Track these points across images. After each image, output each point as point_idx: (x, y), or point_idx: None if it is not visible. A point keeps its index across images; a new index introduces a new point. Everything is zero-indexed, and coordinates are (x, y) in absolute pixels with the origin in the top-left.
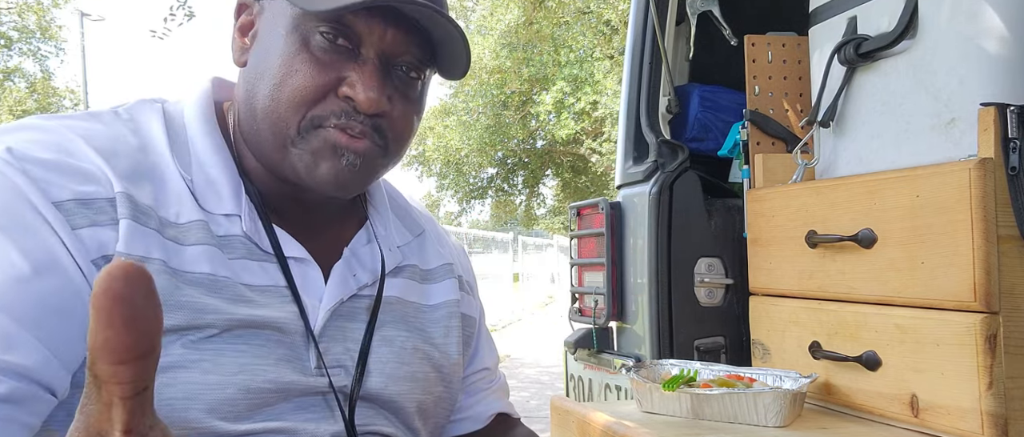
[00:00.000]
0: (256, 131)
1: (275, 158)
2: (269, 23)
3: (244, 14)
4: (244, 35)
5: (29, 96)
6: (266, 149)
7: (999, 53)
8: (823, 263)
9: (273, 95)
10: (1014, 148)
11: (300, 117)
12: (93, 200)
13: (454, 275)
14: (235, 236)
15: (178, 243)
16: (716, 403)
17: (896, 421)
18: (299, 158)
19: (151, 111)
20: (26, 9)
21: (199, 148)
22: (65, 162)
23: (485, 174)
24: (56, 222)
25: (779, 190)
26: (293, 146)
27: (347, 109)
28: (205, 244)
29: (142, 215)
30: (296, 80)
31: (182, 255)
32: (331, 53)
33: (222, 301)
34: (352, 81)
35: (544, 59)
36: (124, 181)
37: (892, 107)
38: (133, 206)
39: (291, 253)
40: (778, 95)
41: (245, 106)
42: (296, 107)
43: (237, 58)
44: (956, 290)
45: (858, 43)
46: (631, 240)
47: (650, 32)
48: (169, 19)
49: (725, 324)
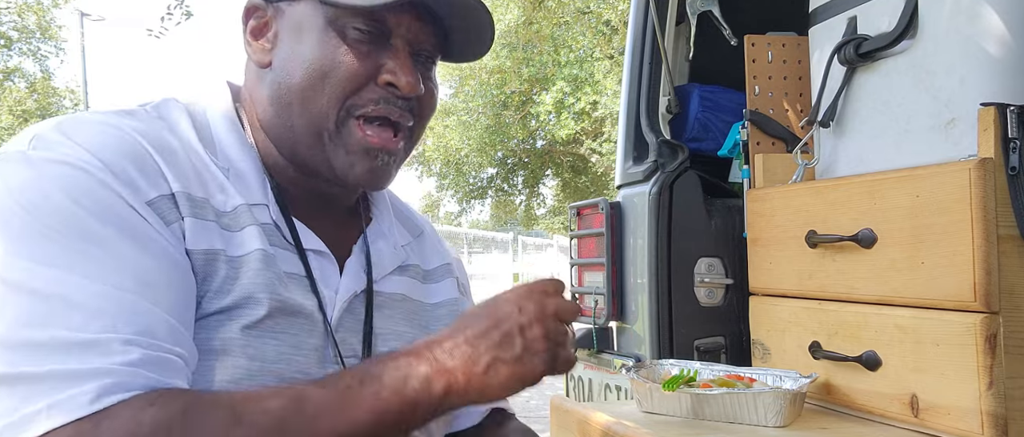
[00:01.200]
0: (288, 126)
1: (308, 153)
2: (294, 23)
3: (254, 18)
4: (259, 37)
5: (29, 96)
6: (300, 144)
7: (999, 53)
8: (823, 263)
9: (314, 85)
10: (1014, 148)
11: (338, 106)
12: (165, 197)
13: (452, 275)
14: (267, 224)
15: (231, 231)
16: (716, 403)
17: (896, 421)
18: (335, 155)
19: (178, 110)
20: (26, 9)
21: (225, 143)
22: (142, 162)
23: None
24: (153, 220)
25: (779, 190)
26: (330, 141)
27: (386, 95)
28: (253, 225)
29: (199, 210)
30: (340, 71)
31: (236, 240)
32: (368, 44)
33: (272, 277)
34: (391, 68)
35: (544, 59)
36: (179, 179)
37: (892, 107)
38: (191, 202)
39: (310, 245)
40: (778, 95)
41: (273, 104)
42: (337, 97)
43: (259, 59)
44: (956, 290)
45: (858, 43)
46: (631, 240)
47: (650, 32)
48: (166, 18)
49: (725, 324)
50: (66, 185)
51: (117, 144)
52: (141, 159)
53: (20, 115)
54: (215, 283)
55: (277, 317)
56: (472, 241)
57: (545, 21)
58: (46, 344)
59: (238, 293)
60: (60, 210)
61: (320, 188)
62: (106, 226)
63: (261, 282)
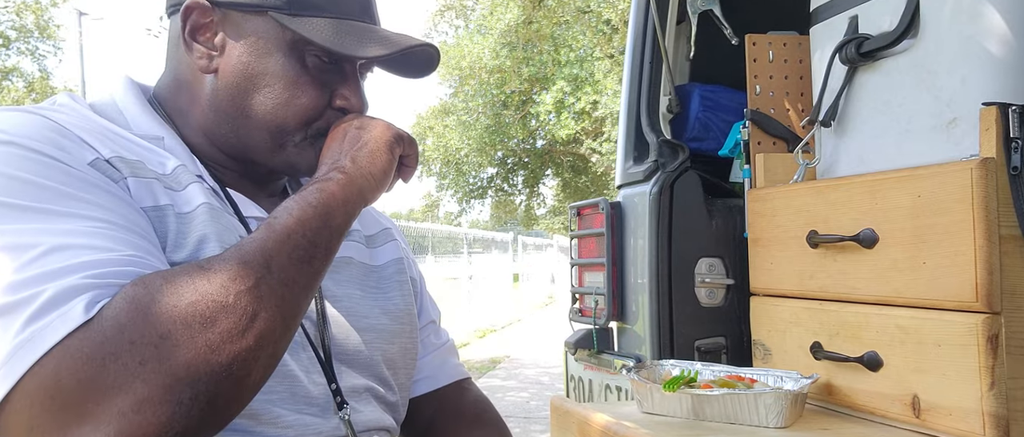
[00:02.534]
0: (236, 135)
1: (266, 158)
2: (250, 38)
3: (196, 16)
4: (199, 38)
5: (27, 95)
6: (255, 151)
7: (1001, 53)
8: (824, 263)
9: (277, 112)
10: (1016, 148)
11: (305, 130)
12: (101, 160)
13: (392, 239)
14: (207, 188)
15: (174, 189)
16: (717, 404)
17: (897, 422)
18: (299, 157)
19: (77, 103)
20: (24, 8)
21: (143, 125)
22: (67, 136)
23: (485, 174)
24: (98, 178)
25: (780, 190)
26: (294, 147)
27: (339, 116)
28: (194, 183)
29: (139, 170)
30: (302, 100)
31: (182, 198)
32: (326, 73)
33: (221, 229)
34: (345, 94)
35: (544, 59)
36: (107, 147)
37: (893, 107)
38: (127, 163)
39: (251, 213)
40: (779, 94)
41: (216, 111)
42: (302, 123)
43: (200, 63)
44: (958, 290)
45: (859, 42)
46: (631, 240)
47: (650, 31)
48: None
49: (726, 324)
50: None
51: (40, 125)
52: (65, 134)
53: None
54: (170, 238)
55: None
56: (472, 241)
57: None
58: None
59: (191, 244)
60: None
61: (253, 171)
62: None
63: (212, 231)
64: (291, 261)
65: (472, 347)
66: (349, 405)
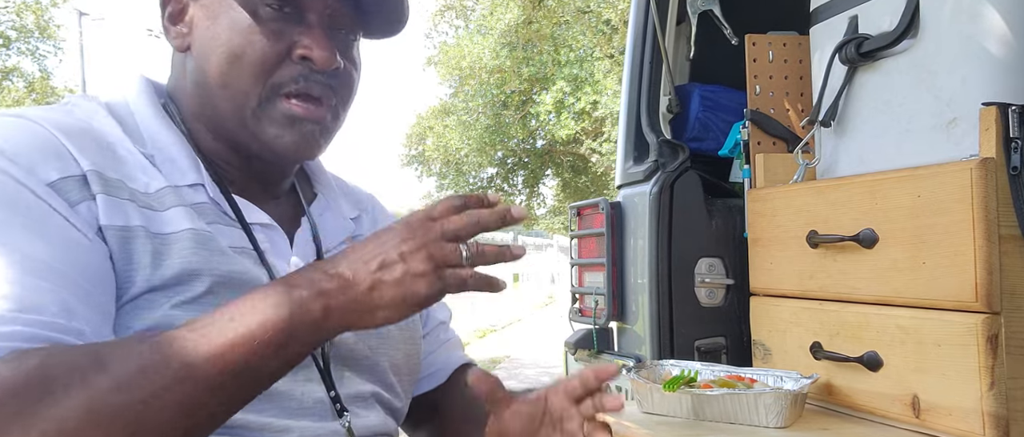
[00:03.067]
0: (212, 108)
1: (235, 130)
2: (208, 7)
3: (172, 3)
4: (177, 22)
5: (27, 96)
6: (226, 124)
7: (1000, 53)
8: (824, 263)
9: (230, 69)
10: (1015, 148)
11: (260, 87)
12: (71, 178)
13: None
14: (203, 203)
15: (153, 209)
16: (717, 404)
17: (897, 422)
18: (261, 130)
19: (92, 103)
20: (24, 8)
21: (152, 129)
22: (45, 145)
23: (485, 174)
24: (54, 201)
25: (780, 190)
26: (255, 117)
27: (304, 71)
28: (179, 206)
29: (113, 188)
30: (254, 50)
31: (160, 219)
32: (280, 21)
33: (209, 254)
34: (306, 44)
35: (544, 59)
36: (90, 160)
37: (893, 107)
38: (104, 181)
39: (256, 219)
40: (779, 95)
41: (195, 87)
42: (256, 77)
43: (178, 44)
44: (957, 290)
45: (859, 42)
46: (631, 240)
47: (650, 31)
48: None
49: (726, 324)
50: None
51: (16, 131)
52: (44, 143)
53: None
54: (142, 259)
55: (219, 292)
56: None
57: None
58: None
59: (173, 270)
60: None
61: (257, 168)
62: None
63: (197, 260)
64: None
65: (472, 347)
66: (350, 412)
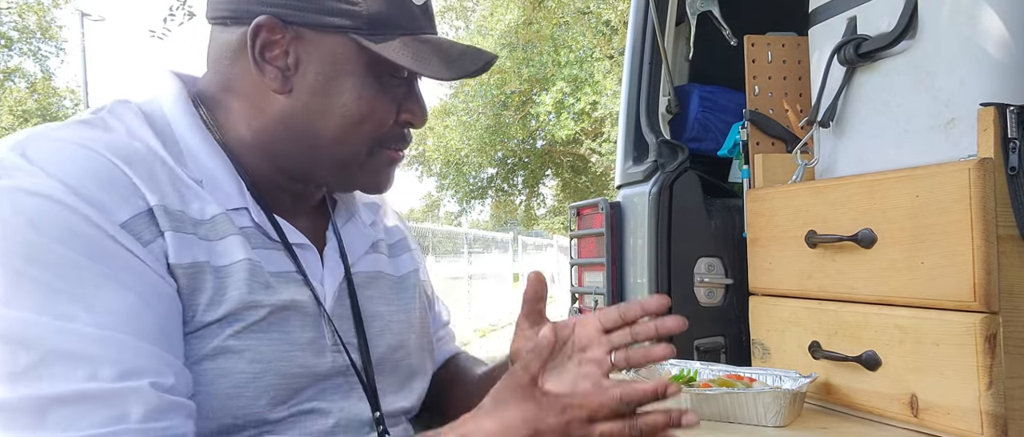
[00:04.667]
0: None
1: (330, 174)
2: (326, 58)
3: (265, 34)
4: (269, 59)
5: (29, 96)
6: (319, 169)
7: (999, 53)
8: (823, 263)
9: (348, 131)
10: (1014, 148)
11: (369, 147)
12: (141, 215)
13: (409, 248)
14: (248, 227)
15: (210, 240)
16: (716, 403)
17: (896, 421)
18: (363, 177)
19: (131, 113)
20: (26, 9)
21: (192, 146)
22: (112, 181)
23: (485, 174)
24: (129, 243)
25: (779, 190)
26: (359, 168)
27: (404, 132)
28: (233, 235)
29: (178, 222)
30: (375, 118)
31: (218, 250)
32: (397, 88)
33: (260, 286)
34: (411, 109)
35: (544, 59)
36: (155, 192)
37: (892, 107)
38: (170, 216)
39: (294, 240)
40: (778, 95)
41: (287, 130)
42: (368, 139)
43: (276, 86)
44: (956, 290)
45: (858, 43)
46: (631, 240)
47: (650, 32)
48: (169, 19)
49: (725, 324)
50: (32, 217)
51: (84, 164)
52: (111, 178)
53: (20, 115)
54: (204, 296)
55: (271, 318)
56: (472, 241)
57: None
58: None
59: (231, 303)
60: (27, 246)
61: (298, 188)
62: (78, 257)
63: (252, 292)
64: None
65: (472, 347)
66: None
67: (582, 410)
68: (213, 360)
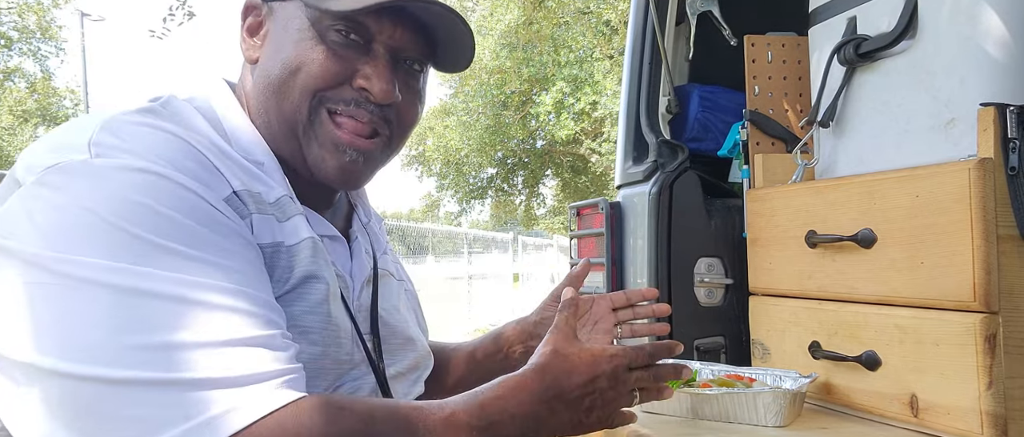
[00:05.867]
0: (269, 123)
1: (285, 146)
2: (281, 23)
3: (252, 16)
4: (253, 35)
5: (29, 96)
6: (278, 137)
7: (998, 53)
8: (823, 263)
9: (287, 81)
10: (1013, 148)
11: (309, 99)
12: (233, 195)
13: (391, 252)
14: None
15: (280, 220)
16: (716, 403)
17: (896, 421)
18: (308, 149)
19: (188, 108)
20: (26, 9)
21: (246, 139)
22: (203, 163)
23: (485, 174)
24: (232, 216)
25: (779, 190)
26: (304, 134)
27: (359, 99)
28: (298, 215)
29: (259, 204)
30: (311, 68)
31: (288, 229)
32: (345, 48)
33: (323, 263)
34: (366, 74)
35: (544, 59)
36: (235, 176)
37: (892, 107)
38: (252, 197)
39: (325, 231)
40: (778, 95)
41: (257, 98)
42: (307, 92)
43: (249, 55)
44: (956, 290)
45: (858, 43)
46: (631, 240)
47: (650, 32)
48: (168, 19)
49: (725, 324)
50: (149, 191)
51: (177, 147)
52: (200, 161)
53: (20, 115)
54: (277, 274)
55: (324, 304)
56: (472, 241)
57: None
58: (194, 346)
59: (297, 277)
60: (151, 215)
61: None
62: (197, 226)
63: (316, 267)
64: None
65: None
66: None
67: (625, 358)
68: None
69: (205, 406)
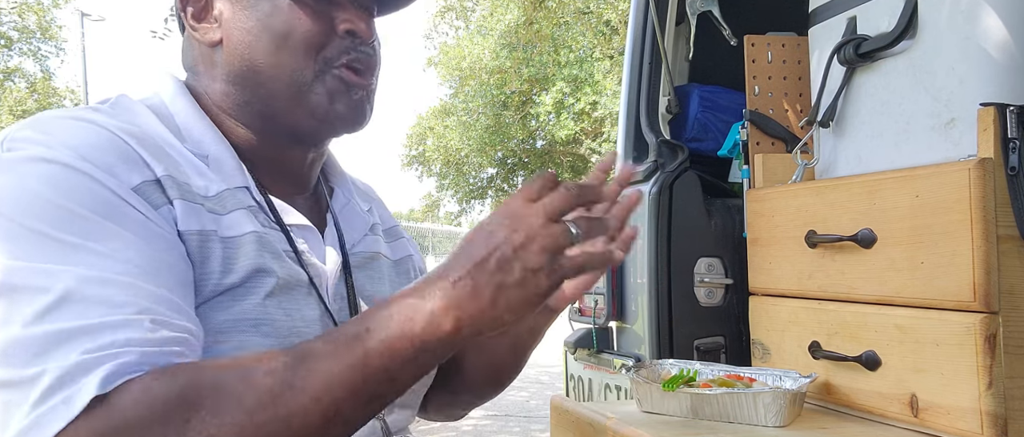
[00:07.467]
0: (257, 92)
1: (286, 107)
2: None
3: (191, 4)
4: (202, 20)
5: (29, 96)
6: (275, 101)
7: (999, 53)
8: (823, 263)
9: (281, 49)
10: (1014, 148)
11: (313, 62)
12: (150, 182)
13: (403, 236)
14: (252, 206)
15: (218, 214)
16: (716, 403)
17: (896, 421)
18: (317, 102)
19: (136, 104)
20: (26, 9)
21: (197, 130)
22: (121, 151)
23: (485, 174)
24: (140, 205)
25: (779, 190)
26: (310, 91)
27: (351, 44)
28: (240, 209)
29: (186, 193)
30: (301, 28)
31: (225, 222)
32: (318, 2)
33: (270, 256)
34: (346, 18)
35: (544, 59)
36: (162, 165)
37: (892, 107)
38: (177, 185)
39: (293, 220)
40: (778, 95)
41: (232, 78)
42: (307, 53)
43: (207, 39)
44: (956, 290)
45: (858, 43)
46: None
47: (650, 32)
48: (170, 19)
49: (725, 324)
50: (50, 181)
51: (94, 137)
52: (119, 148)
53: (20, 115)
54: (214, 264)
55: (279, 293)
56: None
57: (545, 21)
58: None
59: (242, 271)
60: (48, 207)
61: (290, 163)
62: (95, 216)
63: (264, 261)
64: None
65: None
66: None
67: (538, 195)
68: (228, 335)
69: (36, 404)
